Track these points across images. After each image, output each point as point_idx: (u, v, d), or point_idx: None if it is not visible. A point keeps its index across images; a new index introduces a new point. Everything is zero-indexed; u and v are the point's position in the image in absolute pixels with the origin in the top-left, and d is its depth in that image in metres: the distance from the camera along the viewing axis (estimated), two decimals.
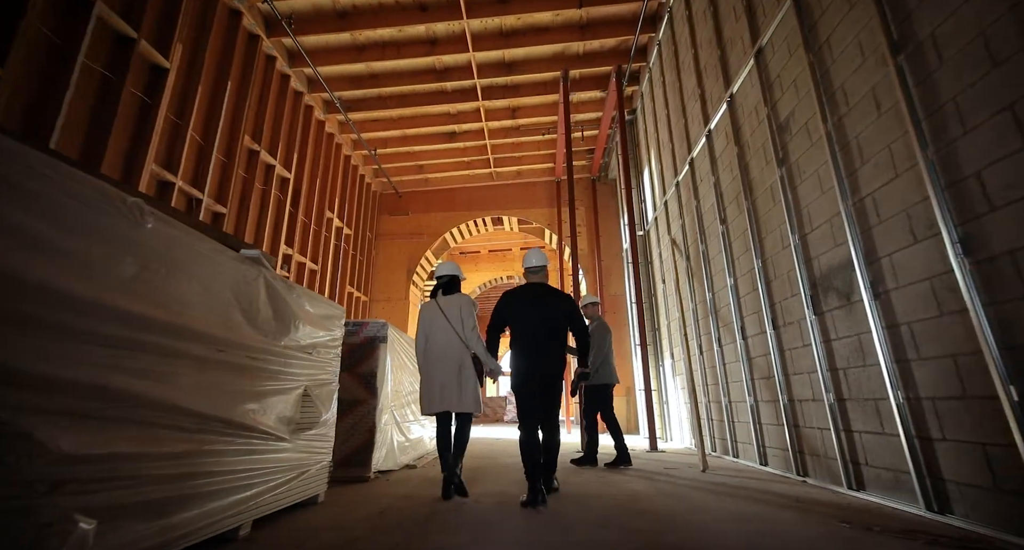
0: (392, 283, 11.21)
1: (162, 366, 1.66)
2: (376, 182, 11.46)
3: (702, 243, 5.68)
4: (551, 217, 11.47)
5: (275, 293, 2.42)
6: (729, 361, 5.03)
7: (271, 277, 2.41)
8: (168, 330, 1.69)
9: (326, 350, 3.01)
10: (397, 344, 4.60)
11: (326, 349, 3.01)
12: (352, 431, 3.91)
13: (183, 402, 1.73)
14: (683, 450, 6.06)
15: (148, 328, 1.60)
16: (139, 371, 1.55)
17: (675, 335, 7.05)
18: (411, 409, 5.11)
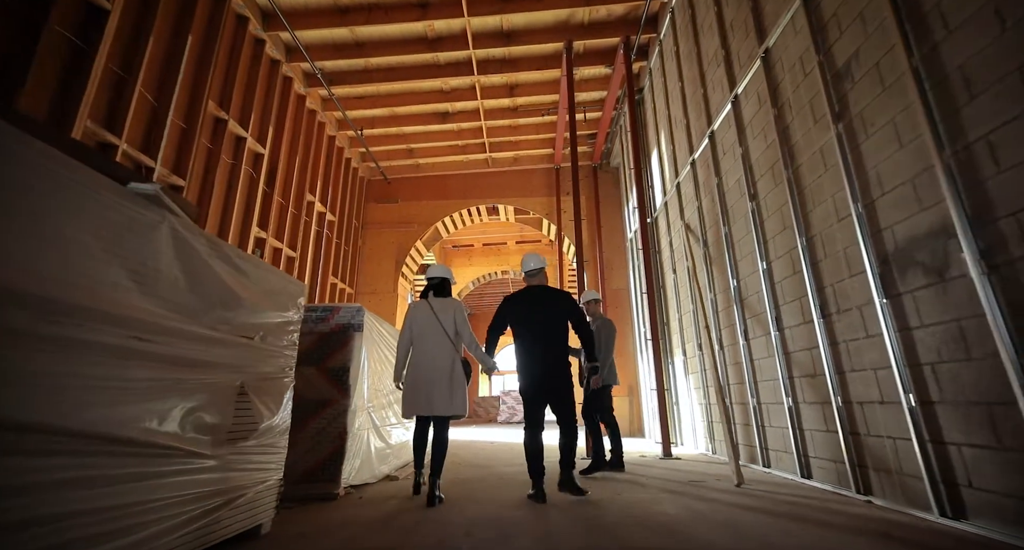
0: (379, 275, 10.51)
1: None
2: (363, 167, 10.74)
3: (724, 225, 5.06)
4: (550, 206, 10.83)
5: (189, 252, 1.74)
6: (759, 357, 4.40)
7: (185, 229, 1.73)
8: None
9: (277, 336, 2.33)
10: (376, 334, 3.92)
11: (277, 334, 2.33)
12: (318, 438, 3.23)
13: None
14: (698, 456, 5.44)
15: None
16: None
17: (688, 330, 6.43)
18: (394, 411, 4.44)
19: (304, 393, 3.29)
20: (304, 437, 3.20)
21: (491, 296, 20.49)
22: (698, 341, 5.97)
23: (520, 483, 3.72)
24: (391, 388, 4.37)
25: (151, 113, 4.73)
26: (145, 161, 4.54)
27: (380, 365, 4.04)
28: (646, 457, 5.48)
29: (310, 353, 3.40)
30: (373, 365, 3.83)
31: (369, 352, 3.70)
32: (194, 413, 1.71)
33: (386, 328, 4.30)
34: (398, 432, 4.51)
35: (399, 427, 4.56)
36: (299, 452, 3.16)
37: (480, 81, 8.25)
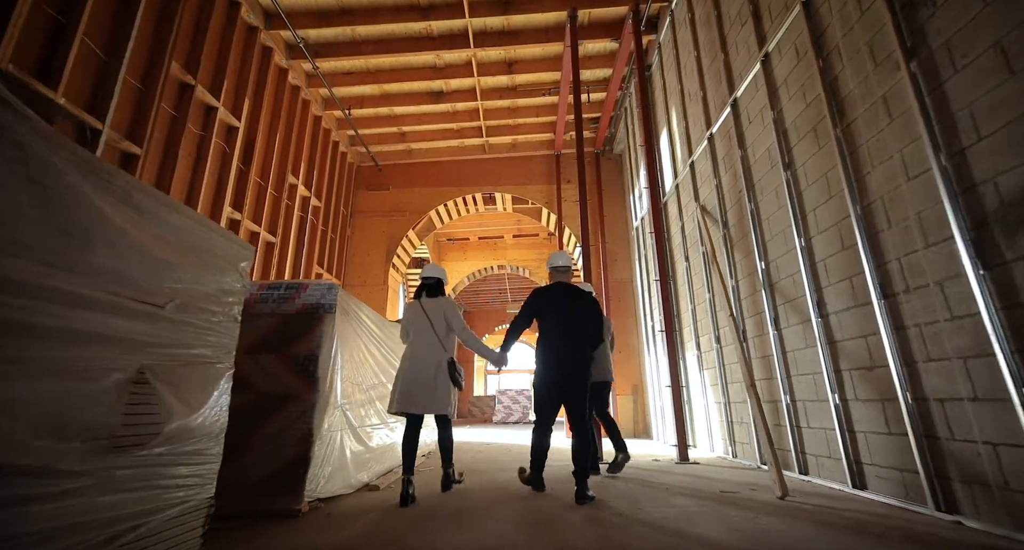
0: (369, 266, 9.91)
1: None
2: (352, 152, 10.14)
3: (749, 201, 4.51)
4: (550, 194, 10.27)
5: (51, 174, 1.16)
6: (793, 348, 3.86)
7: (37, 138, 1.15)
8: None
9: (205, 307, 1.75)
10: (354, 317, 3.34)
11: (206, 305, 1.75)
12: (278, 441, 2.65)
13: None
14: (716, 460, 4.90)
15: None
16: None
17: (703, 321, 5.89)
18: (375, 408, 3.86)
19: (261, 386, 2.72)
20: (259, 440, 2.62)
21: (486, 293, 19.91)
22: (716, 333, 5.43)
23: (521, 495, 3.16)
24: (373, 382, 3.79)
25: (98, 68, 4.12)
26: (90, 121, 3.94)
27: (359, 355, 3.46)
28: (660, 461, 4.93)
29: (270, 338, 2.82)
30: (350, 354, 3.25)
31: (344, 338, 3.12)
32: (45, 410, 1.13)
33: (366, 312, 3.72)
34: (381, 434, 3.93)
35: (382, 428, 3.98)
36: (252, 459, 2.58)
37: (477, 55, 7.67)
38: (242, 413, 2.60)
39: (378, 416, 3.90)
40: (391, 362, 4.39)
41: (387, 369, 4.22)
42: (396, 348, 4.61)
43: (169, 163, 4.90)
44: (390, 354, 4.34)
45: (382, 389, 4.01)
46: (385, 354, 4.23)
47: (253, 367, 2.74)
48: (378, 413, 3.91)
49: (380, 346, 4.06)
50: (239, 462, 2.53)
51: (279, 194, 7.20)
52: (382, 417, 4.01)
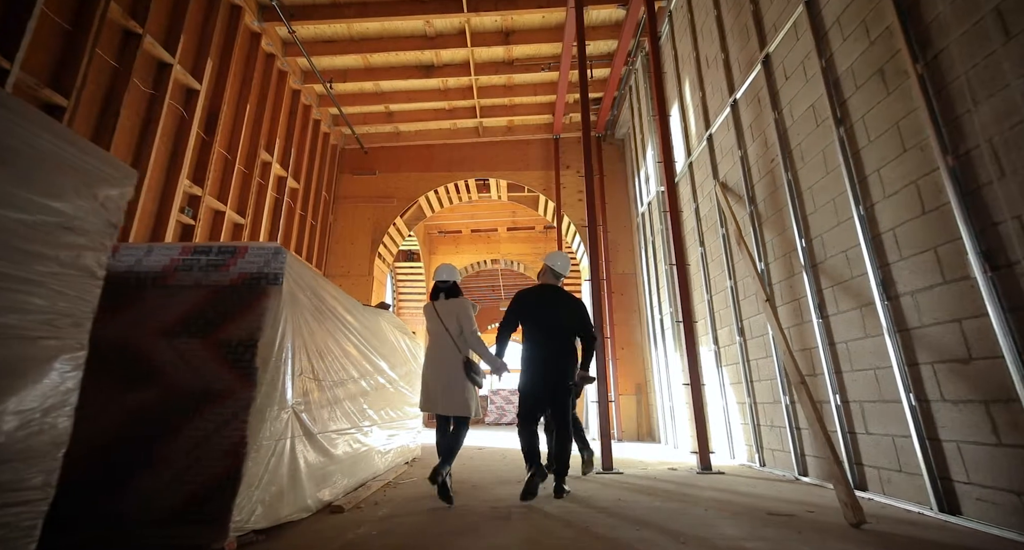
0: (353, 255, 9.19)
1: None
2: (336, 133, 9.42)
3: (786, 171, 3.89)
4: (547, 181, 9.62)
5: None
6: (845, 338, 3.23)
7: None
8: None
9: (23, 250, 1.07)
10: (312, 295, 2.65)
11: (24, 247, 1.07)
12: (197, 454, 1.96)
13: None
14: (741, 469, 4.27)
15: None
16: None
17: (722, 313, 5.26)
18: (346, 409, 3.18)
19: (177, 380, 2.03)
20: (171, 453, 1.94)
21: (479, 290, 19.23)
22: (738, 325, 4.81)
23: (523, 513, 2.50)
24: (341, 378, 3.11)
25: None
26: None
27: (320, 343, 2.77)
28: (677, 470, 4.29)
29: (194, 317, 2.13)
30: (306, 342, 2.57)
31: (298, 321, 2.43)
32: None
33: (333, 292, 3.03)
34: (350, 440, 3.25)
35: (352, 432, 3.30)
36: (160, 479, 1.89)
37: (470, 21, 7.00)
38: (147, 416, 1.93)
39: (348, 419, 3.22)
40: (369, 354, 3.72)
41: (361, 363, 3.54)
42: (379, 338, 3.93)
43: (108, 121, 4.18)
44: (366, 345, 3.66)
45: (353, 386, 3.33)
46: (360, 344, 3.55)
47: (168, 354, 2.05)
48: (348, 415, 3.23)
49: (352, 334, 3.38)
50: (140, 483, 1.85)
51: (250, 171, 6.48)
52: (354, 420, 3.33)
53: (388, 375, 4.23)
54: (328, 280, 2.83)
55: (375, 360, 3.85)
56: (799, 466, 3.78)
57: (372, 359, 3.77)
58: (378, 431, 3.95)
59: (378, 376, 3.92)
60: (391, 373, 4.31)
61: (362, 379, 3.54)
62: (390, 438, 4.27)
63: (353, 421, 3.33)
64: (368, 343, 3.69)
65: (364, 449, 3.54)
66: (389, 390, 4.25)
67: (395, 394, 4.48)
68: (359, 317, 3.57)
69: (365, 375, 3.60)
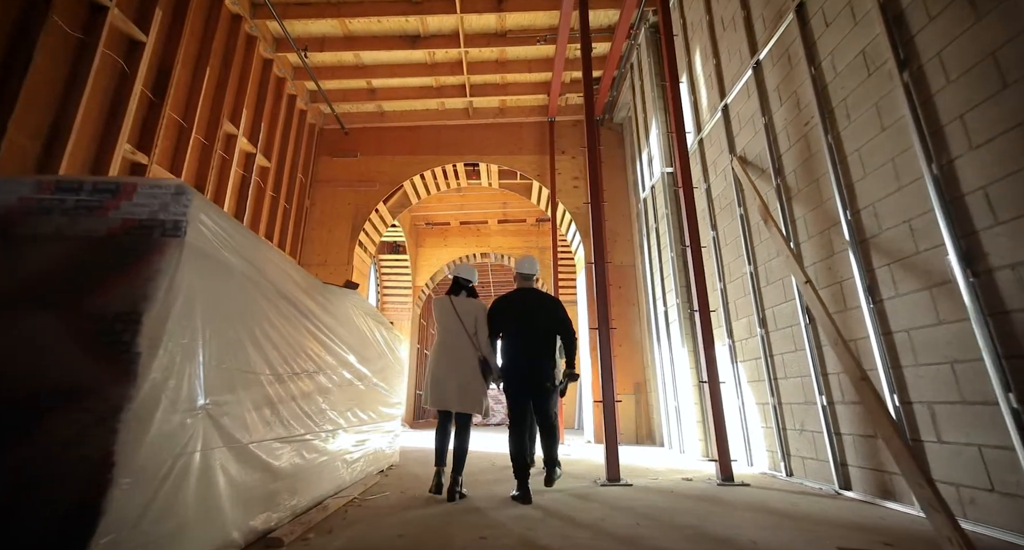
0: (331, 243, 8.50)
1: None
2: (314, 110, 8.71)
3: (825, 133, 3.32)
4: (541, 167, 9.01)
5: None
6: (907, 326, 2.67)
7: None
8: None
9: None
10: (243, 259, 1.99)
11: None
12: (32, 480, 1.31)
13: None
14: (764, 479, 3.70)
15: None
16: None
17: (738, 303, 4.71)
18: (299, 409, 2.54)
19: (12, 370, 1.38)
20: None
21: None
22: (760, 315, 4.25)
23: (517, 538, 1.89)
24: (286, 371, 2.47)
25: None
26: None
27: (261, 323, 2.12)
28: (693, 481, 3.71)
29: (49, 280, 1.48)
30: (232, 320, 1.92)
31: (215, 290, 1.79)
32: None
33: (279, 259, 2.39)
34: (299, 449, 2.60)
35: (309, 439, 2.66)
36: None
37: None
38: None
39: (299, 422, 2.58)
40: (330, 344, 3.08)
41: (319, 355, 2.90)
42: (345, 325, 3.30)
43: (16, 65, 3.47)
44: (327, 332, 3.02)
45: (307, 382, 2.69)
46: (318, 331, 2.91)
47: (3, 335, 1.40)
48: (300, 418, 2.58)
49: (308, 318, 2.74)
50: None
51: (210, 143, 5.78)
52: (309, 423, 2.69)
53: (357, 370, 3.59)
54: (269, 244, 2.17)
55: (339, 352, 3.21)
56: (839, 478, 3.22)
57: (335, 350, 3.13)
58: (343, 436, 3.31)
59: (343, 371, 3.28)
60: (361, 367, 3.67)
61: (320, 374, 2.90)
62: (359, 444, 3.64)
63: (307, 425, 2.69)
64: (329, 330, 3.05)
65: (322, 459, 2.90)
66: (358, 387, 3.61)
67: (367, 392, 3.84)
68: (317, 298, 2.93)
69: (324, 369, 2.96)
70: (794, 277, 3.43)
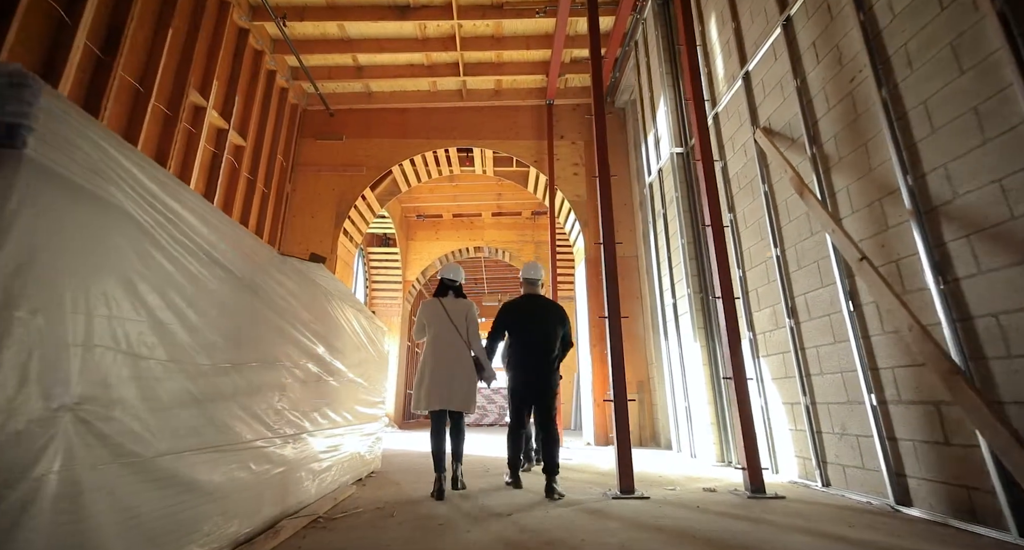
0: (313, 230, 7.93)
1: None
2: (296, 89, 8.13)
3: (880, 86, 2.84)
4: (538, 152, 8.51)
5: None
6: (994, 310, 2.18)
7: None
8: None
9: None
10: (130, 187, 1.43)
11: None
12: None
13: None
14: (793, 488, 3.21)
15: None
16: None
17: (761, 290, 4.22)
18: (242, 410, 2.01)
19: None
20: None
21: None
22: (789, 304, 3.77)
23: None
24: (232, 360, 1.93)
25: None
26: None
27: (156, 287, 1.57)
28: (717, 492, 3.22)
29: None
30: (114, 278, 1.38)
31: (84, 232, 1.25)
32: None
33: (214, 216, 1.85)
34: (255, 457, 2.07)
35: (260, 446, 2.13)
36: None
37: None
38: None
39: (244, 426, 2.04)
40: (291, 332, 2.55)
41: (273, 343, 2.37)
42: (312, 310, 2.76)
43: None
44: (286, 317, 2.49)
45: (255, 376, 2.15)
46: (274, 315, 2.38)
47: None
48: (244, 421, 2.05)
49: (252, 294, 2.21)
50: None
51: (174, 113, 5.19)
52: (258, 427, 2.16)
53: (327, 363, 3.05)
54: (135, 150, 1.60)
55: (302, 340, 2.68)
56: (895, 491, 2.73)
57: (295, 338, 2.60)
58: (309, 441, 2.78)
59: (308, 363, 2.75)
60: (333, 361, 3.14)
61: (275, 367, 2.36)
62: (330, 450, 3.10)
63: (256, 429, 2.15)
64: (288, 314, 2.51)
65: (278, 470, 2.36)
66: (328, 384, 3.08)
67: (341, 390, 3.31)
68: (272, 272, 2.39)
69: (281, 361, 2.42)
70: (844, 256, 2.94)
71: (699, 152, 3.99)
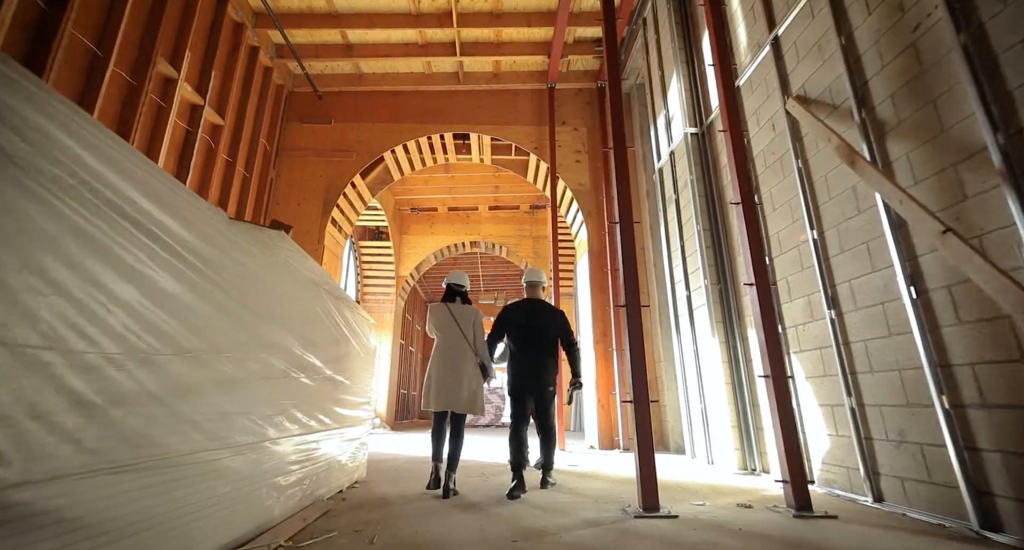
0: (299, 218, 7.41)
1: None
2: (282, 68, 7.62)
3: (961, 31, 2.39)
4: (539, 138, 8.04)
5: None
6: None
7: None
8: None
9: None
10: None
11: None
12: None
13: None
14: (837, 502, 2.76)
15: None
16: None
17: (792, 279, 3.77)
18: (170, 415, 1.52)
19: None
20: None
21: None
22: (827, 293, 3.32)
23: None
24: (147, 348, 1.45)
25: None
26: None
27: (82, 258, 1.09)
28: (754, 509, 2.75)
29: None
30: None
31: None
32: None
33: (141, 165, 1.37)
34: (184, 478, 1.59)
35: (196, 462, 1.64)
36: None
37: None
38: None
39: (173, 434, 1.56)
40: (242, 314, 2.07)
41: (222, 328, 1.89)
42: (273, 293, 2.28)
43: None
44: (235, 296, 2.01)
45: (186, 371, 1.67)
46: (223, 295, 1.90)
47: None
48: (172, 429, 1.56)
49: (183, 265, 1.72)
50: None
51: (139, 83, 4.68)
52: (194, 436, 1.68)
53: (299, 358, 2.57)
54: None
55: (262, 328, 2.19)
56: (976, 512, 2.28)
57: (252, 325, 2.11)
58: (272, 451, 2.30)
59: (268, 357, 2.26)
60: (305, 355, 2.65)
61: (219, 360, 1.87)
62: (301, 461, 2.62)
63: (192, 440, 1.67)
64: (241, 294, 2.02)
65: (225, 490, 1.87)
66: (299, 382, 2.59)
67: (315, 389, 2.82)
68: (216, 240, 1.90)
69: (229, 352, 1.94)
70: (918, 231, 2.48)
71: (726, 122, 3.53)
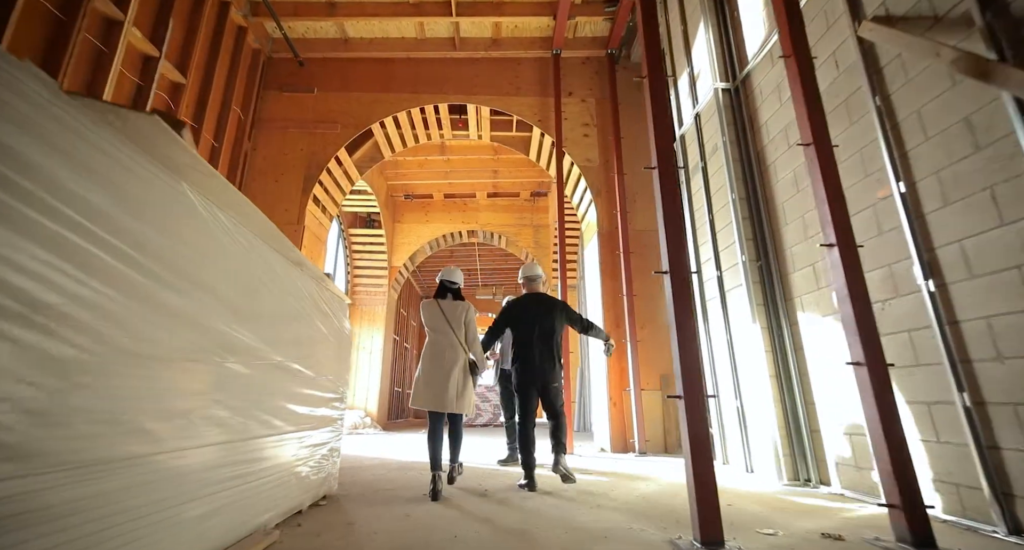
0: (277, 197, 6.66)
1: None
2: (258, 28, 6.84)
3: None
4: (543, 110, 7.31)
5: None
6: None
7: None
8: None
9: None
10: None
11: None
12: None
13: None
14: (959, 533, 2.04)
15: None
16: None
17: (866, 246, 3.04)
18: None
19: None
20: None
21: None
22: (921, 259, 2.60)
23: None
24: None
25: None
26: None
27: None
28: (845, 540, 2.02)
29: None
30: None
31: None
32: None
33: None
34: None
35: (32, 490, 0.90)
36: None
37: None
38: None
39: None
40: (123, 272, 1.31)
41: (59, 282, 1.14)
42: (183, 238, 1.54)
43: None
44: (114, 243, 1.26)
45: None
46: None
47: None
48: None
49: None
50: None
51: (71, 19, 3.92)
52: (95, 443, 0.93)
53: (223, 335, 1.82)
54: None
55: (151, 288, 1.45)
56: None
57: (135, 280, 1.36)
58: (171, 467, 1.55)
59: (165, 332, 1.51)
60: (235, 331, 1.90)
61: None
62: (229, 479, 1.87)
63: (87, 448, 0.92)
64: (124, 233, 1.28)
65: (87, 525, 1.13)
66: (227, 369, 1.84)
67: (256, 379, 2.07)
68: (57, 140, 1.15)
69: (72, 317, 1.19)
70: None
71: (788, 45, 2.79)
